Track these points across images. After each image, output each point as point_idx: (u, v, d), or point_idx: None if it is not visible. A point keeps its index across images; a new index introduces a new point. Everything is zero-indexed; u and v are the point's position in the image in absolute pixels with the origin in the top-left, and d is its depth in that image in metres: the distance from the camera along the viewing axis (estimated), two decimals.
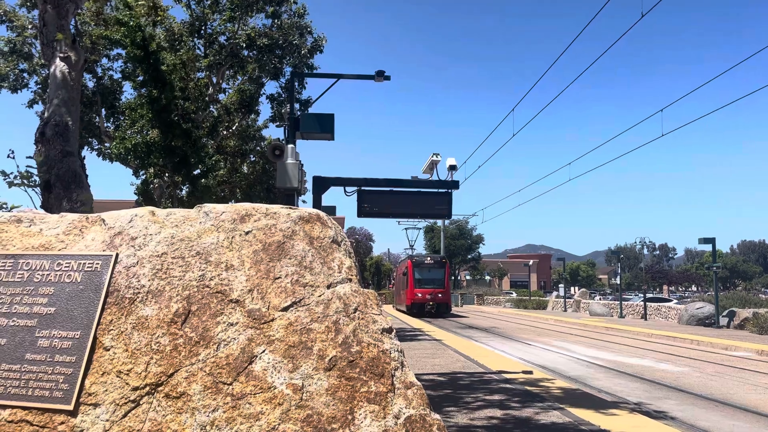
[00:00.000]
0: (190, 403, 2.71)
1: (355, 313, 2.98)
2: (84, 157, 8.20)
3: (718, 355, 19.94)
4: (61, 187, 7.06)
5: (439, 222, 68.34)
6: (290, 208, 3.30)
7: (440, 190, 13.54)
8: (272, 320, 2.91)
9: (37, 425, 2.77)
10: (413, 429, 2.68)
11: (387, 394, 2.75)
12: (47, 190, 7.10)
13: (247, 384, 2.74)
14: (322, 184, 13.13)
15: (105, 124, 22.43)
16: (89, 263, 3.09)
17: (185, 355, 2.82)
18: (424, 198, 13.43)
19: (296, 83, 21.31)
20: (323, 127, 12.42)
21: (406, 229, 67.67)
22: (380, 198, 13.23)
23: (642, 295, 61.57)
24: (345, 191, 13.32)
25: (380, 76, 12.95)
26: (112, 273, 3.04)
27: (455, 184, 13.56)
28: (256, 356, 2.81)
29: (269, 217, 3.23)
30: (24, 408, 2.81)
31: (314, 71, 22.16)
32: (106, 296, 2.99)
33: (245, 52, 22.73)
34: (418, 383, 2.85)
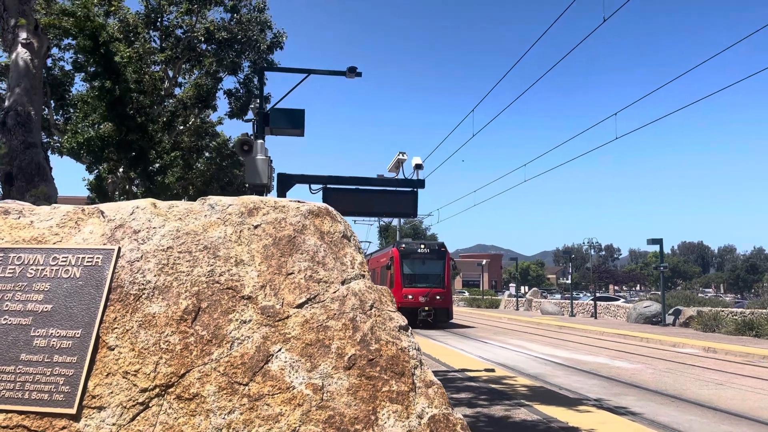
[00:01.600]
0: (204, 405, 2.57)
1: (371, 310, 2.89)
2: (48, 149, 7.82)
3: (668, 352, 20.57)
4: (24, 179, 6.71)
5: (394, 221, 68.08)
6: (298, 201, 3.19)
7: (406, 189, 13.52)
8: (287, 317, 2.79)
9: (36, 430, 2.58)
10: (437, 428, 2.61)
11: (409, 394, 2.68)
12: (8, 182, 6.75)
13: (264, 384, 2.62)
14: (286, 182, 12.93)
15: (54, 117, 21.59)
16: (89, 257, 2.89)
17: (197, 354, 2.67)
18: (390, 196, 13.38)
19: (257, 78, 20.92)
20: (294, 122, 12.22)
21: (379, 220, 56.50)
22: (346, 196, 13.11)
23: (590, 295, 63.16)
24: (310, 189, 13.16)
25: (352, 72, 12.83)
26: (114, 268, 2.86)
27: (421, 183, 13.55)
28: (273, 355, 2.69)
29: (278, 210, 3.11)
30: (20, 412, 2.61)
31: (276, 66, 21.84)
32: (109, 292, 2.81)
33: (203, 46, 22.23)
34: (438, 382, 2.78)
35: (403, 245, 32.96)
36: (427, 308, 31.40)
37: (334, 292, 2.89)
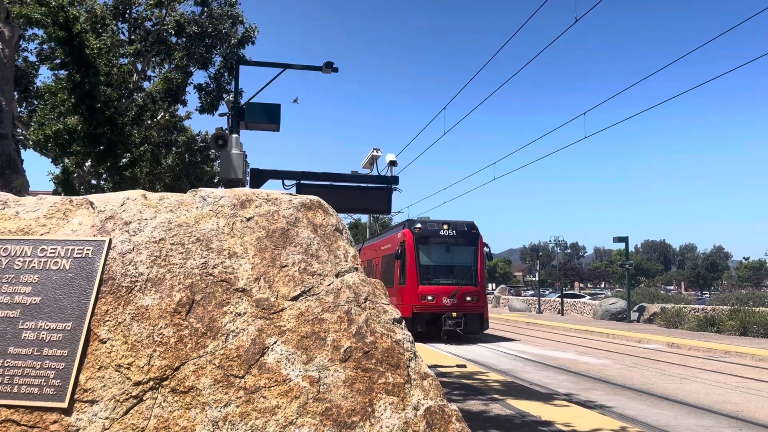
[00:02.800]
0: (199, 398, 2.55)
1: (365, 302, 2.89)
2: (19, 141, 7.63)
3: (634, 348, 21.01)
4: None
5: (364, 219, 67.80)
6: (290, 194, 3.18)
7: (380, 185, 13.56)
8: (282, 310, 2.78)
9: (26, 425, 2.52)
10: (433, 420, 2.63)
11: (404, 386, 2.69)
12: None
13: (260, 377, 2.60)
14: (259, 177, 12.86)
15: (18, 109, 21.04)
16: (79, 249, 2.84)
17: (192, 347, 2.65)
18: (364, 193, 13.40)
19: (229, 73, 20.72)
20: (270, 117, 12.13)
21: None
22: (319, 192, 13.07)
23: (556, 292, 64.11)
24: (283, 184, 13.09)
25: (328, 67, 12.79)
26: (105, 260, 2.81)
27: (395, 180, 13.61)
28: (268, 348, 2.68)
29: (270, 203, 3.09)
30: (9, 406, 2.55)
31: (251, 61, 21.65)
32: (100, 284, 2.76)
33: (173, 39, 21.91)
34: (432, 374, 2.81)
35: (419, 225, 23.58)
36: (455, 314, 22.11)
37: (329, 285, 2.89)
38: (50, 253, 2.85)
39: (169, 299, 2.73)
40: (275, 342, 2.69)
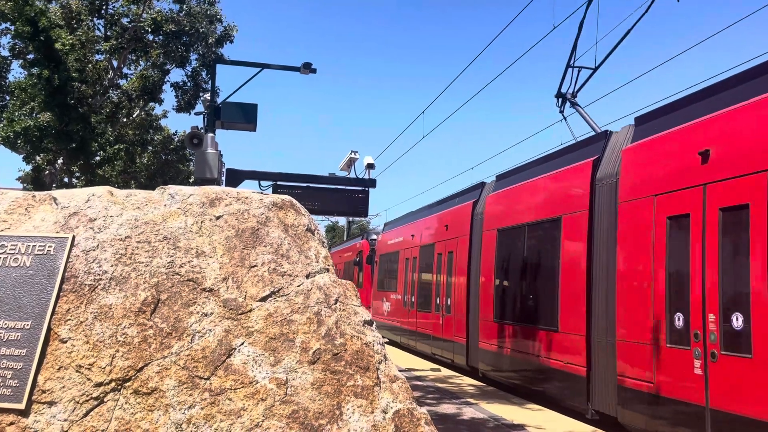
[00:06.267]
0: (163, 400, 2.48)
1: (336, 304, 2.85)
2: None
3: None
4: None
5: (341, 221, 67.49)
6: (262, 193, 3.12)
7: (357, 188, 13.52)
8: (250, 311, 2.73)
9: None
10: (402, 423, 2.60)
11: (373, 388, 2.65)
12: None
13: (226, 378, 2.55)
14: (235, 178, 12.74)
15: None
16: (40, 246, 2.75)
17: (156, 347, 2.58)
18: (342, 195, 13.33)
19: (207, 71, 20.54)
20: (246, 117, 12.01)
21: None
22: (297, 194, 12.99)
23: None
24: (260, 185, 12.98)
25: (306, 68, 12.70)
26: (68, 257, 2.72)
27: (372, 183, 13.58)
28: (235, 349, 2.62)
29: (241, 201, 3.03)
30: None
31: (228, 60, 21.47)
32: (62, 283, 2.68)
33: (150, 37, 21.64)
34: (402, 377, 2.77)
35: None
36: None
37: (299, 286, 2.85)
38: (10, 249, 2.76)
39: (133, 298, 2.66)
40: (242, 343, 2.64)
